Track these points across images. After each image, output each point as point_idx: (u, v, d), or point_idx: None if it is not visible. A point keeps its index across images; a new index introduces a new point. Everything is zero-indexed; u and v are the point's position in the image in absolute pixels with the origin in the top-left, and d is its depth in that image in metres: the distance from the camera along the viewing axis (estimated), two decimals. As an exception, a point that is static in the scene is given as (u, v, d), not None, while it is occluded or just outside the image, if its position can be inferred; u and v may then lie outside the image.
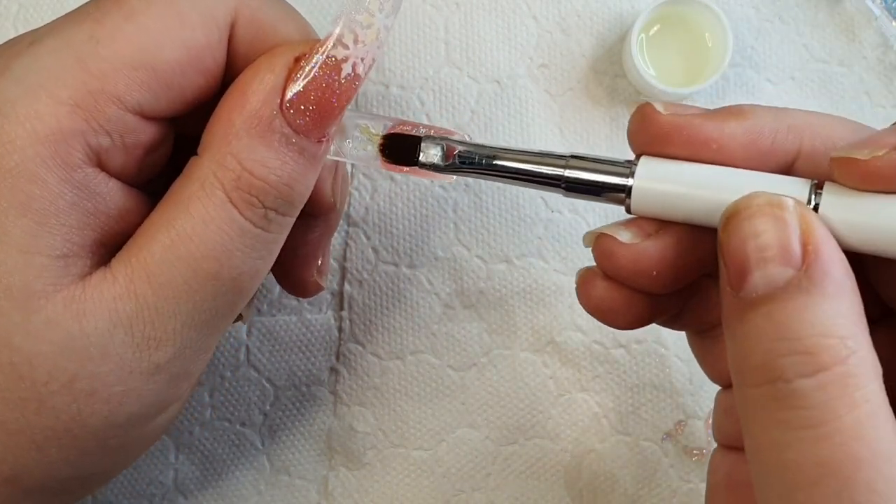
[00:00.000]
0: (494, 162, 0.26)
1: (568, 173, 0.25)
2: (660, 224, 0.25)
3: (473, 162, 0.26)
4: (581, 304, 0.26)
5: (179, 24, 0.24)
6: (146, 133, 0.25)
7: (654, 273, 0.24)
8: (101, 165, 0.24)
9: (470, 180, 0.39)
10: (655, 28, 0.38)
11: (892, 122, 0.23)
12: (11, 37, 0.26)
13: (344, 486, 0.39)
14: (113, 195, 0.24)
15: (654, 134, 0.24)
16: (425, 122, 0.39)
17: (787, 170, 0.24)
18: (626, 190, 0.24)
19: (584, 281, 0.26)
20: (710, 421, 0.38)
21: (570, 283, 0.39)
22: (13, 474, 0.24)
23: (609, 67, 0.39)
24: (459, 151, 0.26)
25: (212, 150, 0.24)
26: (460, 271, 0.39)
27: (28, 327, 0.23)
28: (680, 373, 0.39)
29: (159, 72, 0.24)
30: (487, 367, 0.39)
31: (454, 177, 0.28)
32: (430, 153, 0.27)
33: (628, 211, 0.25)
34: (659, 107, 0.24)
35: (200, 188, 0.24)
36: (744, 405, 0.21)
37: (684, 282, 0.25)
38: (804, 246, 0.21)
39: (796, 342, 0.20)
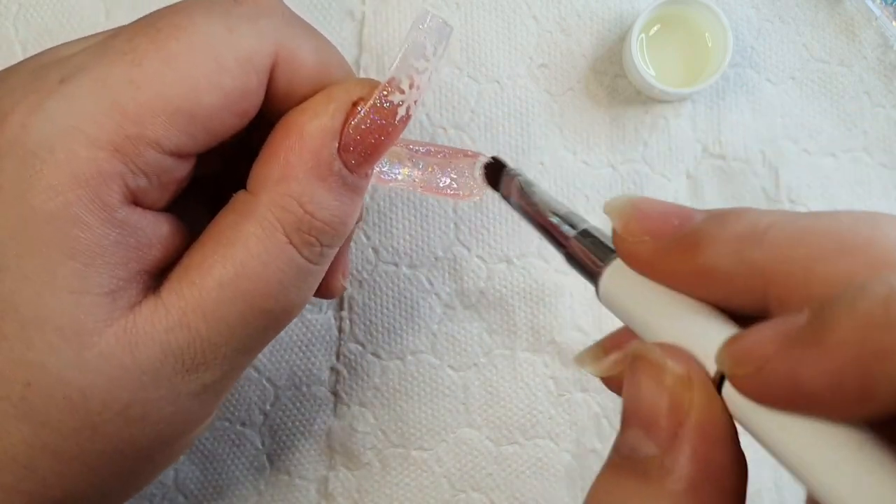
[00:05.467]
0: (522, 212, 0.26)
1: (569, 245, 0.23)
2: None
3: (513, 203, 0.27)
4: None
5: (218, 70, 0.24)
6: (181, 170, 0.25)
7: None
8: (137, 202, 0.24)
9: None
10: (655, 28, 0.38)
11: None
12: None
13: (344, 486, 0.39)
14: (151, 227, 0.25)
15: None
16: (425, 122, 0.39)
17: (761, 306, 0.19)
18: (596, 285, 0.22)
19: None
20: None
21: (571, 283, 0.39)
22: (64, 496, 0.24)
23: (609, 67, 0.39)
24: (503, 192, 0.27)
25: (269, 191, 0.25)
26: (460, 271, 0.39)
27: (82, 364, 0.23)
28: (680, 373, 0.39)
29: (197, 116, 0.24)
30: (487, 367, 0.39)
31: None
32: (507, 185, 0.27)
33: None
34: (619, 225, 0.21)
35: (259, 228, 0.25)
36: None
37: None
38: (674, 427, 0.17)
39: None
